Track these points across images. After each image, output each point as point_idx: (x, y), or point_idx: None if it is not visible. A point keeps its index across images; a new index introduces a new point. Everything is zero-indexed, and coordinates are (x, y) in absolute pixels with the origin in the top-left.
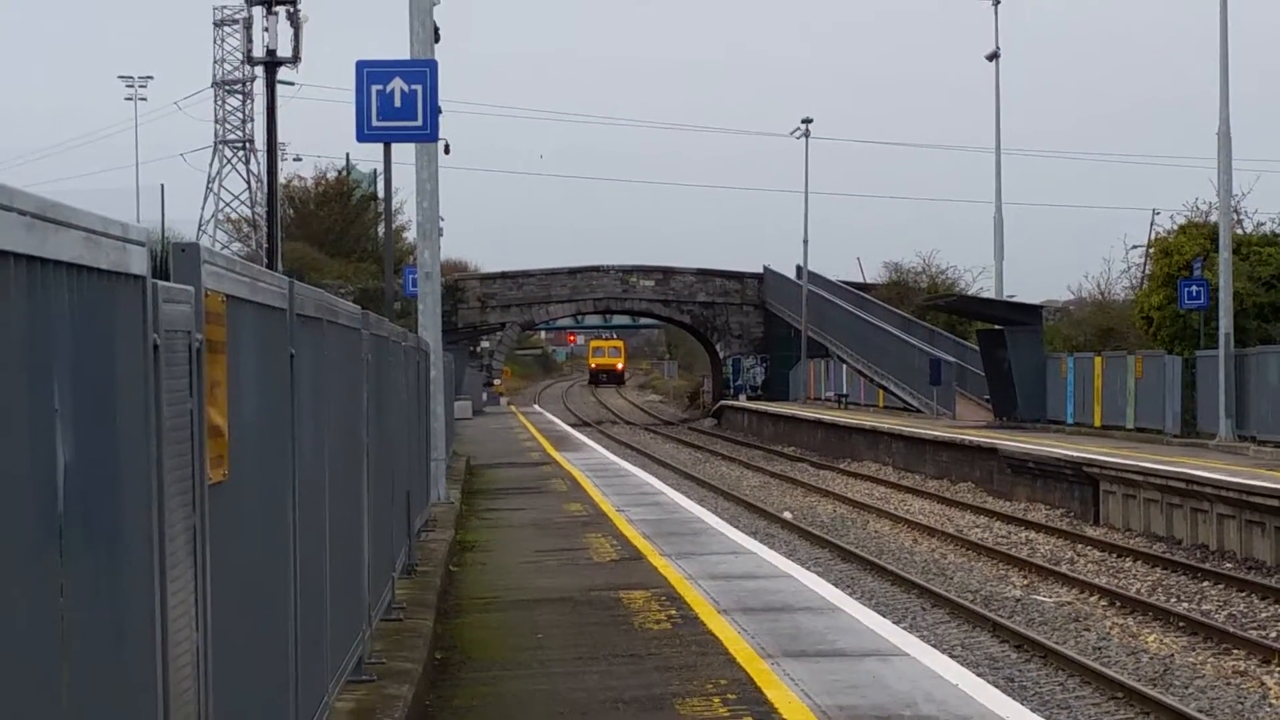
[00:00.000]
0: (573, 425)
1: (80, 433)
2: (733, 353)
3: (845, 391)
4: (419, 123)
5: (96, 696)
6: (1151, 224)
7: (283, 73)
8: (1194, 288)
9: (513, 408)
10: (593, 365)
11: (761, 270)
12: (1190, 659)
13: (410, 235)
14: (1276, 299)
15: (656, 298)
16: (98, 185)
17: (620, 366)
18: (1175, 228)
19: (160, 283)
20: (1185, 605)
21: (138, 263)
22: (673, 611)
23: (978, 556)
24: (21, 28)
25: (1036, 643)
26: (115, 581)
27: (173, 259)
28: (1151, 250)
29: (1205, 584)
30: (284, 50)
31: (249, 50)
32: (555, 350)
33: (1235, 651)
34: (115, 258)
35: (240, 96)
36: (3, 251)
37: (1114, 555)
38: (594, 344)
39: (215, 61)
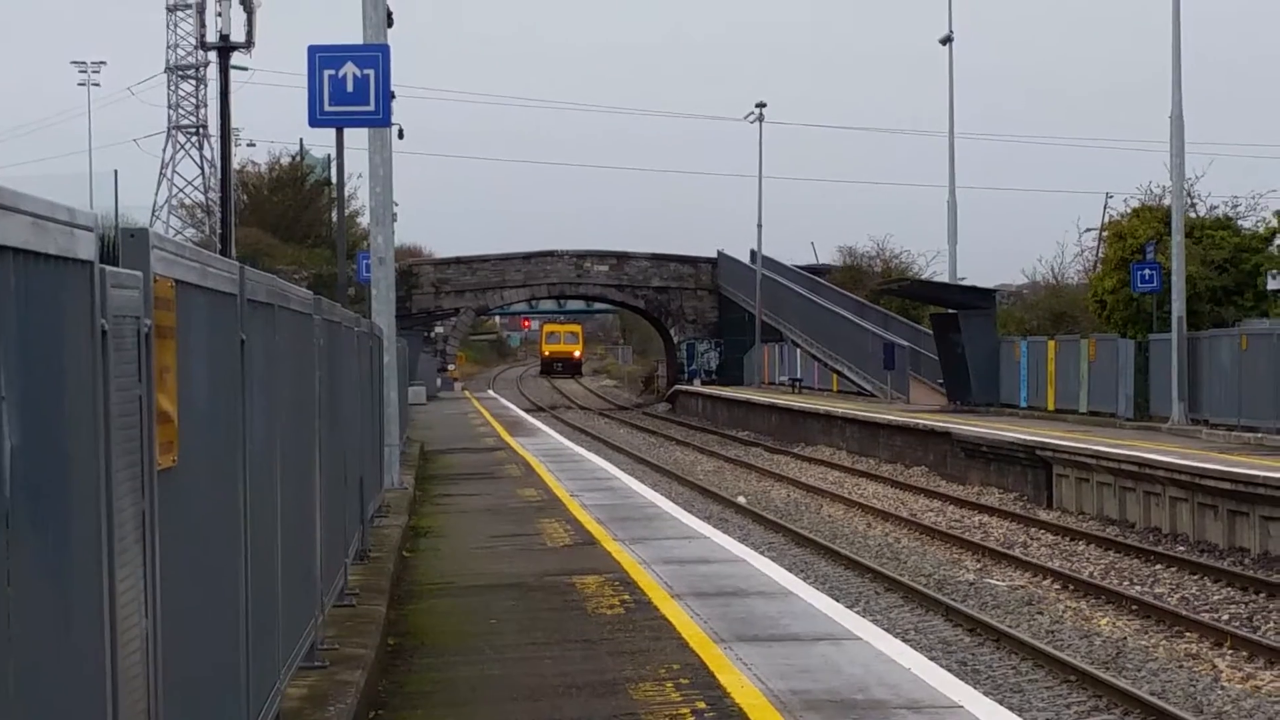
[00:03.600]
0: (527, 410)
1: (28, 418)
2: (687, 337)
3: (799, 376)
4: (371, 107)
5: (44, 683)
6: (1105, 207)
7: (236, 58)
8: (1147, 271)
9: (467, 393)
10: (546, 353)
11: (716, 255)
12: (1143, 642)
13: (364, 221)
14: (1229, 282)
15: (611, 282)
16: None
17: (578, 354)
18: (1129, 211)
19: (109, 268)
20: (1138, 588)
21: (86, 248)
22: (626, 596)
23: (931, 541)
24: None
25: (990, 626)
26: (63, 567)
27: (121, 244)
28: (1105, 234)
29: (1158, 567)
30: (237, 35)
31: (202, 35)
32: (510, 335)
33: (1188, 634)
34: (63, 243)
35: (194, 82)
36: None
37: (1067, 539)
38: (548, 328)
39: (168, 47)
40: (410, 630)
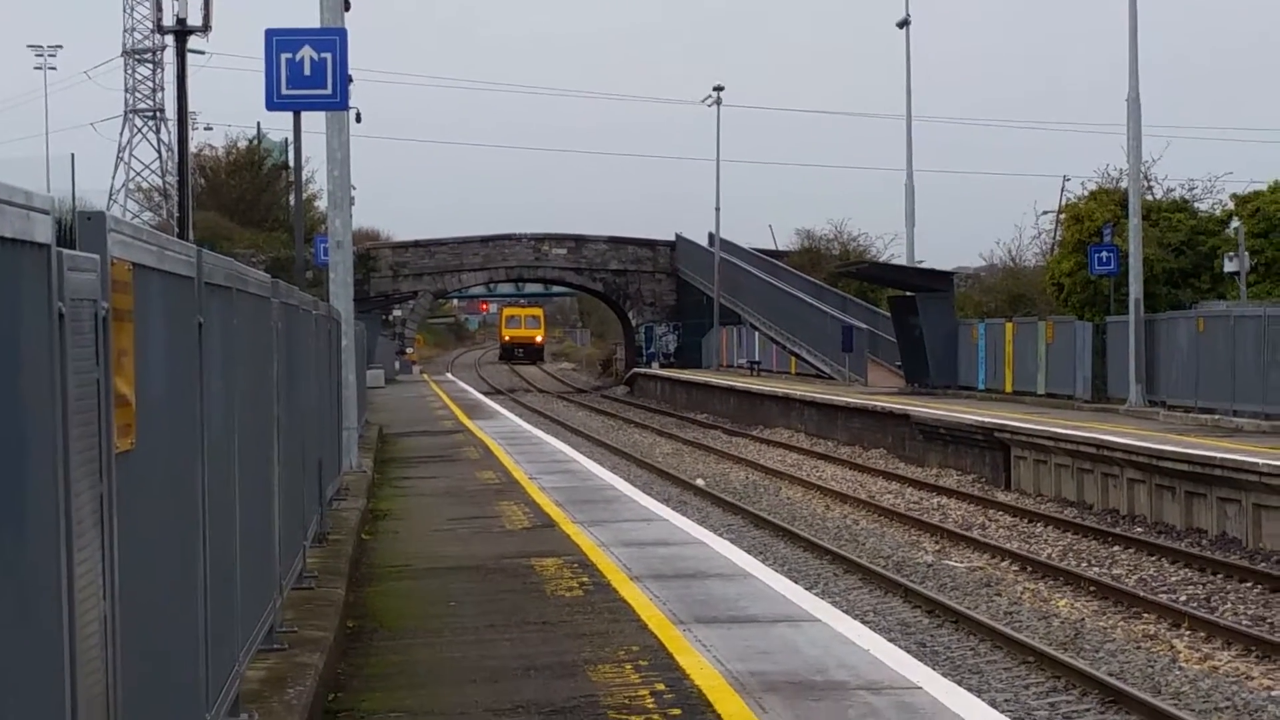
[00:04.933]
0: (485, 394)
1: None
2: (645, 320)
3: (758, 358)
4: (329, 91)
5: (1, 666)
6: (1062, 190)
7: (193, 41)
8: (1104, 254)
9: (426, 376)
10: (506, 338)
11: (674, 238)
12: (1101, 623)
13: (322, 204)
14: (1186, 265)
15: (569, 266)
16: (6, 155)
17: (539, 339)
18: (1086, 194)
19: (66, 251)
20: (1096, 570)
21: (42, 231)
22: (585, 579)
23: (890, 522)
24: None
25: (948, 608)
26: (20, 551)
27: (78, 227)
28: (1062, 216)
29: (1116, 548)
30: (194, 18)
31: (159, 19)
32: (468, 319)
33: (1146, 615)
34: (19, 226)
35: (151, 65)
36: None
37: (1025, 520)
38: (507, 312)
39: (125, 30)
40: (369, 613)
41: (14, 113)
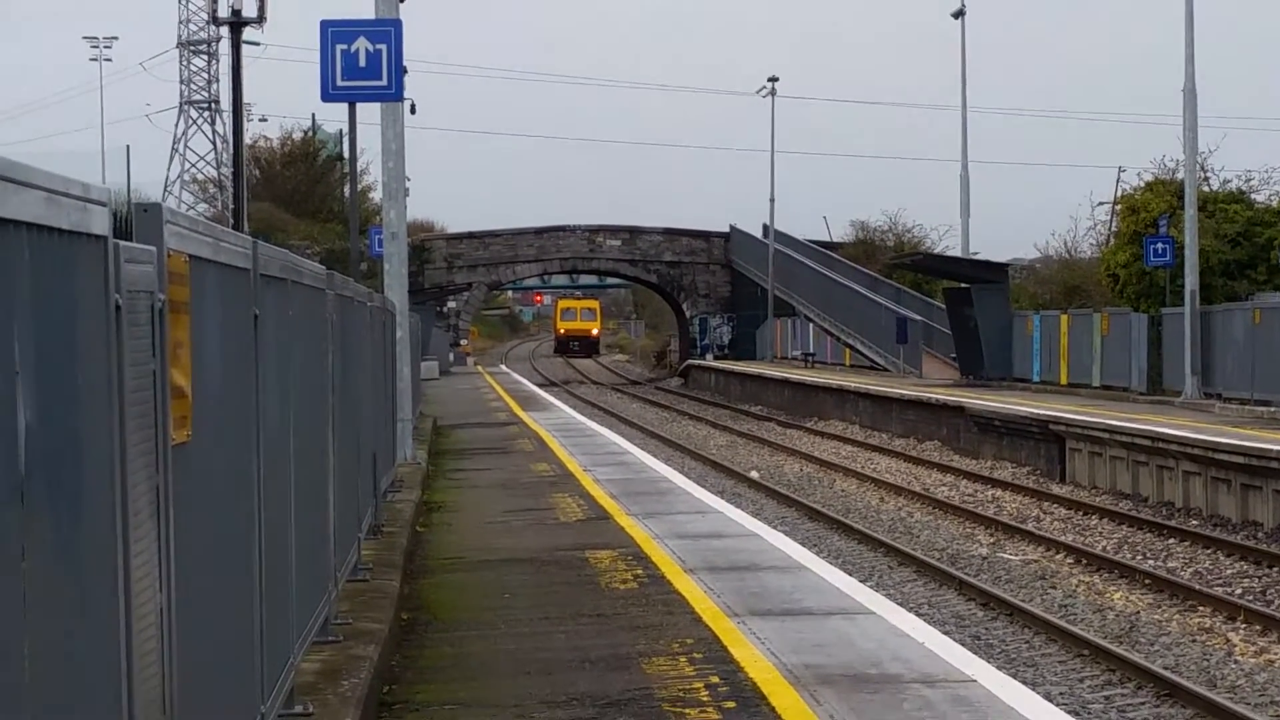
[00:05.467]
0: (539, 385)
1: (42, 394)
2: (699, 312)
3: (812, 350)
4: (383, 82)
5: (60, 659)
6: (1118, 181)
7: (248, 32)
8: (1160, 245)
9: (479, 368)
10: (561, 331)
11: (728, 229)
12: (1156, 616)
13: (376, 195)
14: (1242, 256)
15: (623, 257)
16: (63, 147)
17: (595, 332)
18: (1142, 185)
19: (122, 243)
20: (1151, 562)
21: (99, 223)
22: (639, 571)
23: (944, 515)
24: None
25: (1003, 600)
26: (78, 543)
27: (135, 219)
28: (1118, 207)
29: (1171, 541)
30: (249, 10)
31: (214, 10)
32: (522, 310)
33: (1201, 608)
34: (76, 218)
35: (205, 57)
36: None
37: (1080, 513)
38: (562, 304)
39: (180, 21)
40: (423, 605)
41: (70, 105)
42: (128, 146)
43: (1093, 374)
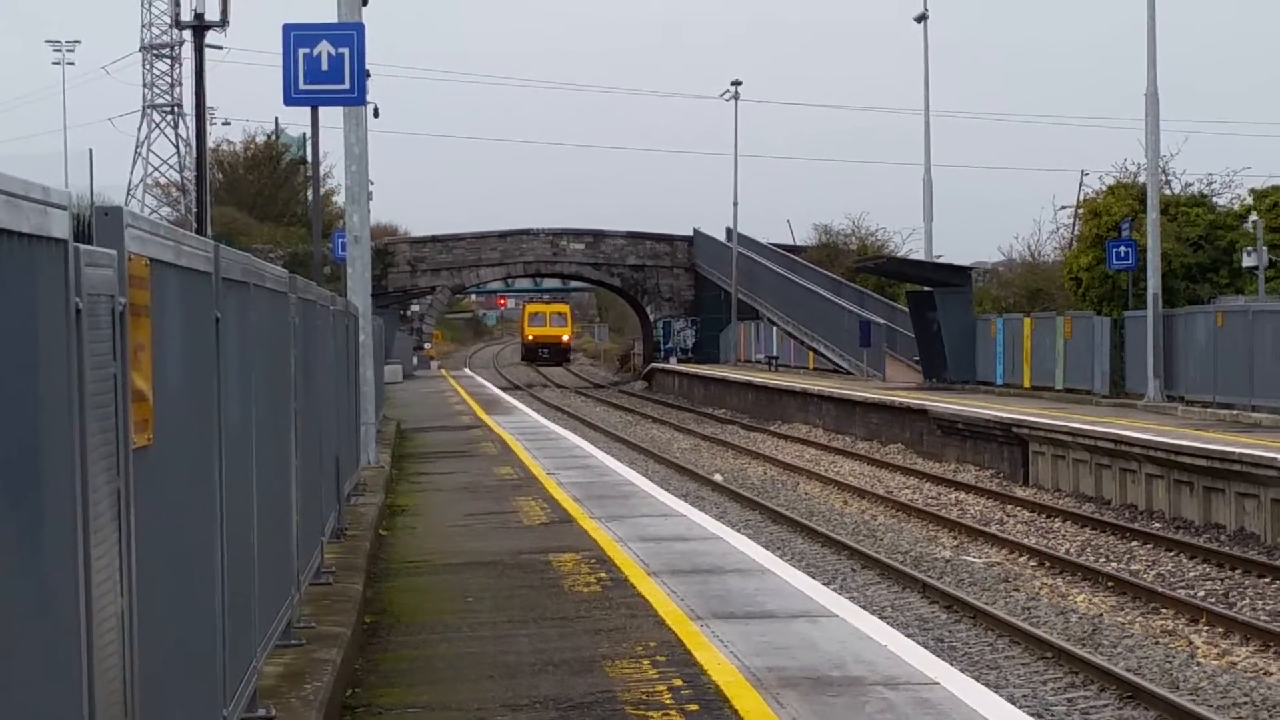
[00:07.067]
0: (503, 389)
1: (1, 397)
2: (663, 315)
3: (776, 354)
4: (346, 86)
5: (19, 663)
6: (1080, 185)
7: (211, 36)
8: (1122, 248)
9: (443, 371)
10: (528, 337)
11: (692, 233)
12: (1119, 619)
13: (339, 199)
14: (1204, 259)
15: (587, 261)
16: (25, 150)
17: (566, 339)
18: (1104, 189)
19: (83, 246)
20: (1114, 565)
21: (59, 226)
22: (602, 574)
23: (907, 518)
24: None
25: (966, 603)
26: (37, 547)
27: (96, 223)
28: (1080, 211)
29: (1134, 544)
30: (212, 14)
31: (177, 14)
32: (485, 314)
33: (1163, 611)
34: (36, 221)
35: (168, 60)
36: None
37: (1043, 515)
38: (530, 308)
39: (143, 25)
40: (387, 608)
41: (32, 108)
42: (90, 150)
43: (1056, 377)
